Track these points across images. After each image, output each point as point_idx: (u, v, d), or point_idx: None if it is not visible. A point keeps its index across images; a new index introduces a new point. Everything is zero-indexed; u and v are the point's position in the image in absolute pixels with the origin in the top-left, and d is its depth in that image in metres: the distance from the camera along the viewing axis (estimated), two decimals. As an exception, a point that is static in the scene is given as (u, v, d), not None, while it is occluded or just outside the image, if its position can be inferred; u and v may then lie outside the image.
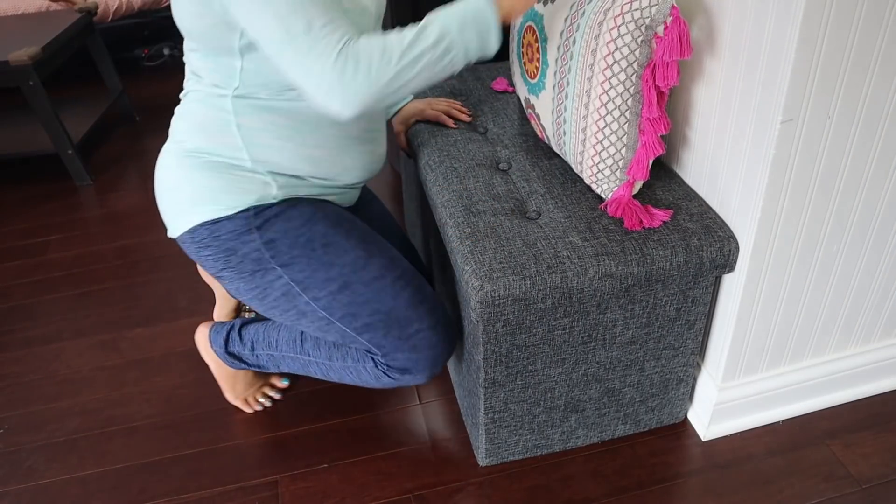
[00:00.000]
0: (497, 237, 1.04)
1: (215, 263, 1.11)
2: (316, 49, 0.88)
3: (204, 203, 1.08)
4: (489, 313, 0.99)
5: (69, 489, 1.26)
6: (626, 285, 1.01)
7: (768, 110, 0.92)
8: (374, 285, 1.10)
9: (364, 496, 1.21)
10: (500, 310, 0.99)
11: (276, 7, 0.87)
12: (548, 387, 1.14)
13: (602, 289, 1.00)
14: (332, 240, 1.10)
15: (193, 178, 1.08)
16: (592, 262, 0.99)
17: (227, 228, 1.08)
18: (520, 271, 0.98)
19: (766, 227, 1.01)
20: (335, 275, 1.09)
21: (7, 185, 2.33)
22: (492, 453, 1.21)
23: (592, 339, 1.09)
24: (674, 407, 1.25)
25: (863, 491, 1.15)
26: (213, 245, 1.09)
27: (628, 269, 1.00)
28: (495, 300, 0.97)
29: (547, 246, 1.02)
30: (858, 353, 1.26)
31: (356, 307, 1.10)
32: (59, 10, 2.58)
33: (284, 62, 0.90)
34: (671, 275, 1.03)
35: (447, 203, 1.12)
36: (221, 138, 1.07)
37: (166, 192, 1.12)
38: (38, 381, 1.51)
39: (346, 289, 1.09)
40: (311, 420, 1.36)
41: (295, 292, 1.11)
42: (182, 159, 1.09)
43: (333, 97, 0.90)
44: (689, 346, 1.16)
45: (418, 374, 1.15)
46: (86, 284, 1.80)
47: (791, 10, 0.84)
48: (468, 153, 1.24)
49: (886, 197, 1.05)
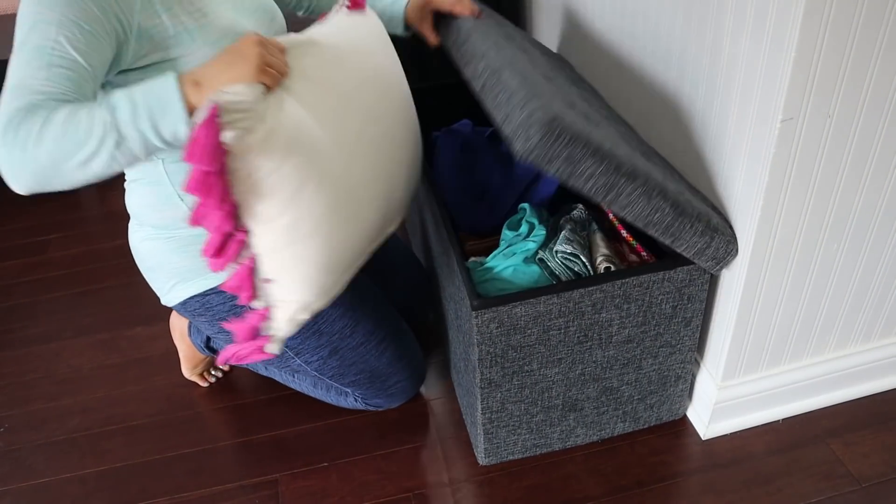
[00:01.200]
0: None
1: (210, 328, 1.16)
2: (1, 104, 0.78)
3: (186, 281, 1.10)
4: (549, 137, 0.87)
5: (69, 488, 1.26)
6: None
7: (768, 110, 0.92)
8: (360, 349, 1.21)
9: (364, 495, 1.21)
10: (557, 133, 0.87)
11: (16, 54, 0.80)
12: (545, 386, 1.14)
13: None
14: (321, 310, 1.12)
15: (165, 260, 1.09)
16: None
17: (216, 301, 1.11)
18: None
19: (766, 226, 1.01)
20: (325, 342, 1.17)
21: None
22: (491, 453, 1.21)
23: (588, 339, 1.09)
24: (672, 404, 1.25)
25: (862, 490, 1.15)
26: (206, 314, 1.13)
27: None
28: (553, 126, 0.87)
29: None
30: (858, 352, 1.26)
31: (344, 368, 1.22)
32: (58, 9, 2.57)
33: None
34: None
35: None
36: (171, 212, 1.05)
37: (147, 271, 1.13)
38: (39, 379, 1.51)
39: (335, 354, 1.20)
40: (311, 419, 1.36)
41: (288, 356, 1.19)
42: (149, 242, 1.09)
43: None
44: (686, 344, 1.16)
45: (392, 406, 1.34)
46: (86, 283, 1.80)
47: (791, 10, 0.83)
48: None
49: (886, 197, 1.05)
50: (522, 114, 0.89)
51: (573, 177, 0.91)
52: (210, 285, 1.09)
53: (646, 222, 0.98)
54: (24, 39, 0.81)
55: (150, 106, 0.79)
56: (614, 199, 0.95)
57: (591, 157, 0.90)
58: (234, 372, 1.48)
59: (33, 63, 0.79)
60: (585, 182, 0.92)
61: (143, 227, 1.10)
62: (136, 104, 0.78)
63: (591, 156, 0.90)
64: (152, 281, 1.14)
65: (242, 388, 1.44)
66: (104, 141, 0.78)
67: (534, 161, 0.88)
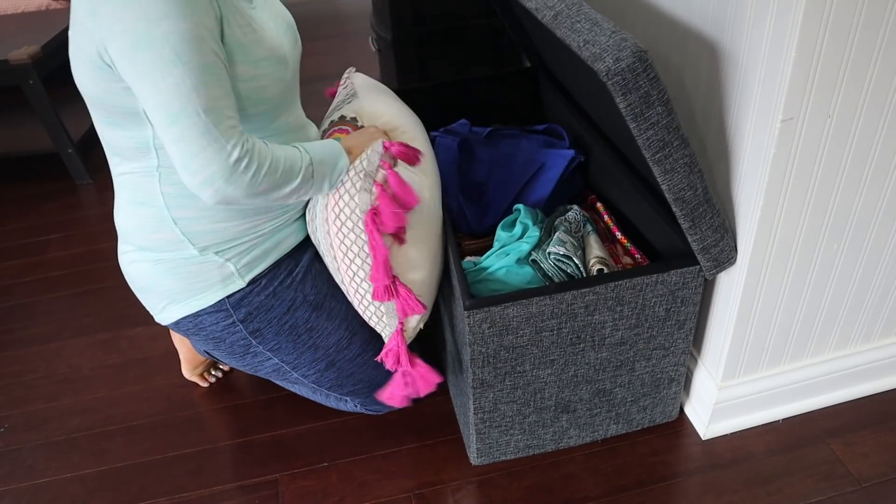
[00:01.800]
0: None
1: (205, 345, 1.16)
2: (212, 133, 0.84)
3: (177, 302, 1.09)
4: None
5: (69, 488, 1.26)
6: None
7: (768, 109, 0.92)
8: (358, 361, 1.21)
9: (364, 495, 1.21)
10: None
11: (178, 77, 0.82)
12: (537, 388, 1.14)
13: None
14: (316, 324, 1.14)
15: (156, 282, 1.08)
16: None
17: (208, 322, 1.10)
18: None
19: (766, 226, 1.01)
20: (321, 356, 1.17)
21: (7, 184, 2.32)
22: (483, 453, 1.21)
23: (581, 341, 1.09)
24: (666, 406, 1.25)
25: (862, 490, 1.15)
26: (199, 333, 1.13)
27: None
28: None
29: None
30: (858, 352, 1.26)
31: (342, 380, 1.22)
32: (59, 9, 2.58)
33: (169, 135, 0.84)
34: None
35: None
36: (162, 235, 1.04)
37: (139, 291, 1.13)
38: (39, 379, 1.51)
39: (333, 367, 1.20)
40: (311, 419, 1.36)
41: (286, 370, 1.19)
42: (137, 265, 1.08)
43: (212, 185, 0.87)
44: (679, 346, 1.16)
45: (392, 410, 1.34)
46: (86, 283, 1.80)
47: (791, 10, 0.83)
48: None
49: (886, 197, 1.05)
50: (612, 39, 0.87)
51: (639, 118, 0.89)
52: (201, 306, 1.07)
53: (677, 196, 0.96)
54: (185, 70, 0.83)
55: (330, 163, 1.01)
56: (662, 159, 0.93)
57: (664, 105, 0.89)
58: (234, 372, 1.48)
59: (211, 84, 0.86)
60: (647, 129, 0.90)
61: (132, 249, 1.08)
62: (324, 160, 1.00)
63: (664, 103, 0.89)
64: (144, 301, 1.13)
65: (242, 388, 1.44)
66: (302, 185, 0.97)
67: (613, 85, 0.86)
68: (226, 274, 1.06)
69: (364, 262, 1.03)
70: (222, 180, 0.86)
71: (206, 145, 0.84)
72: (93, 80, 0.91)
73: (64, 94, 2.61)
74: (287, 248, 1.12)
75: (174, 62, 0.82)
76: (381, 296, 1.03)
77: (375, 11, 1.98)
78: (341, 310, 1.17)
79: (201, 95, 0.83)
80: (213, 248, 1.05)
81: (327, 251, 1.08)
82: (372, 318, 1.10)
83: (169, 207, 1.02)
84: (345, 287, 1.11)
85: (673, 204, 0.97)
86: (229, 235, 1.05)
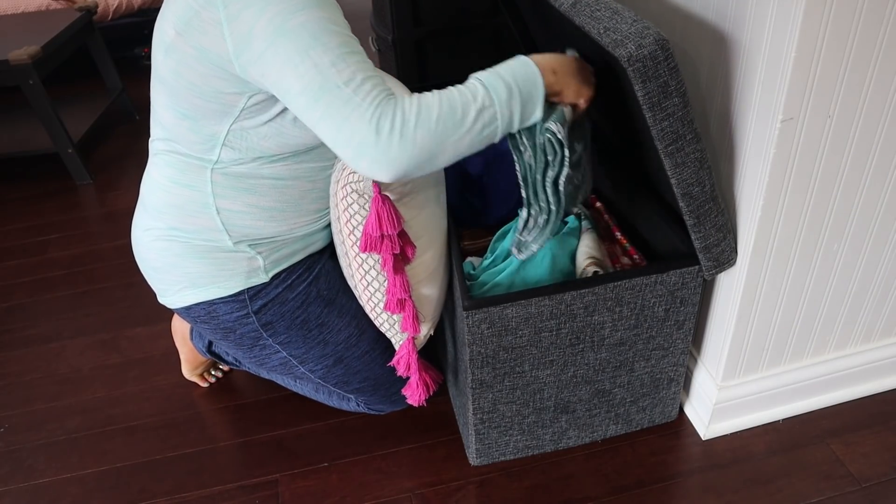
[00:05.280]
0: None
1: (213, 335, 1.16)
2: (352, 101, 0.80)
3: (195, 287, 1.08)
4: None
5: (69, 488, 1.26)
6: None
7: (768, 109, 0.92)
8: (365, 358, 1.20)
9: (364, 495, 1.21)
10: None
11: (315, 57, 0.81)
12: (536, 388, 1.14)
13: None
14: (327, 320, 1.14)
15: (177, 263, 1.06)
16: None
17: (223, 311, 1.09)
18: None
19: (766, 226, 1.01)
20: (330, 351, 1.17)
21: (7, 184, 2.32)
22: (482, 453, 1.21)
23: (580, 341, 1.09)
24: (665, 406, 1.25)
25: (863, 490, 1.15)
26: (210, 322, 1.12)
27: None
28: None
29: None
30: (858, 352, 1.26)
31: (349, 376, 1.22)
32: (59, 9, 2.58)
33: (315, 115, 0.82)
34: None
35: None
36: (201, 221, 1.03)
37: (155, 271, 1.10)
38: (39, 380, 1.51)
39: (340, 363, 1.19)
40: (311, 419, 1.36)
41: (293, 364, 1.18)
42: (162, 241, 1.06)
43: (365, 155, 0.81)
44: (679, 347, 1.16)
45: (395, 410, 1.35)
46: (86, 283, 1.80)
47: (791, 10, 0.83)
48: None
49: (886, 197, 1.05)
50: (635, 27, 0.86)
51: (655, 108, 0.88)
52: (220, 294, 1.07)
53: (685, 191, 0.96)
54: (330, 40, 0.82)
55: (522, 90, 0.86)
56: (675, 152, 0.92)
57: (681, 97, 0.88)
58: (234, 372, 1.48)
59: (348, 58, 0.82)
60: (662, 120, 0.89)
61: (160, 226, 1.06)
62: (511, 87, 0.85)
63: (681, 95, 0.88)
64: (158, 281, 1.11)
65: (242, 388, 1.44)
66: (477, 119, 0.84)
67: (634, 71, 0.85)
68: (253, 267, 1.07)
69: (379, 273, 1.05)
70: (371, 147, 0.80)
71: (349, 113, 0.80)
72: (202, 77, 0.89)
73: (64, 95, 2.62)
74: (314, 249, 1.14)
75: (311, 45, 0.81)
76: (393, 308, 1.05)
77: (375, 11, 1.98)
78: (352, 307, 1.17)
79: (340, 70, 0.81)
80: (248, 241, 1.05)
81: (343, 256, 1.09)
82: (384, 325, 1.12)
83: (215, 196, 1.01)
84: (358, 293, 1.12)
85: (680, 199, 0.97)
86: (267, 234, 1.06)
